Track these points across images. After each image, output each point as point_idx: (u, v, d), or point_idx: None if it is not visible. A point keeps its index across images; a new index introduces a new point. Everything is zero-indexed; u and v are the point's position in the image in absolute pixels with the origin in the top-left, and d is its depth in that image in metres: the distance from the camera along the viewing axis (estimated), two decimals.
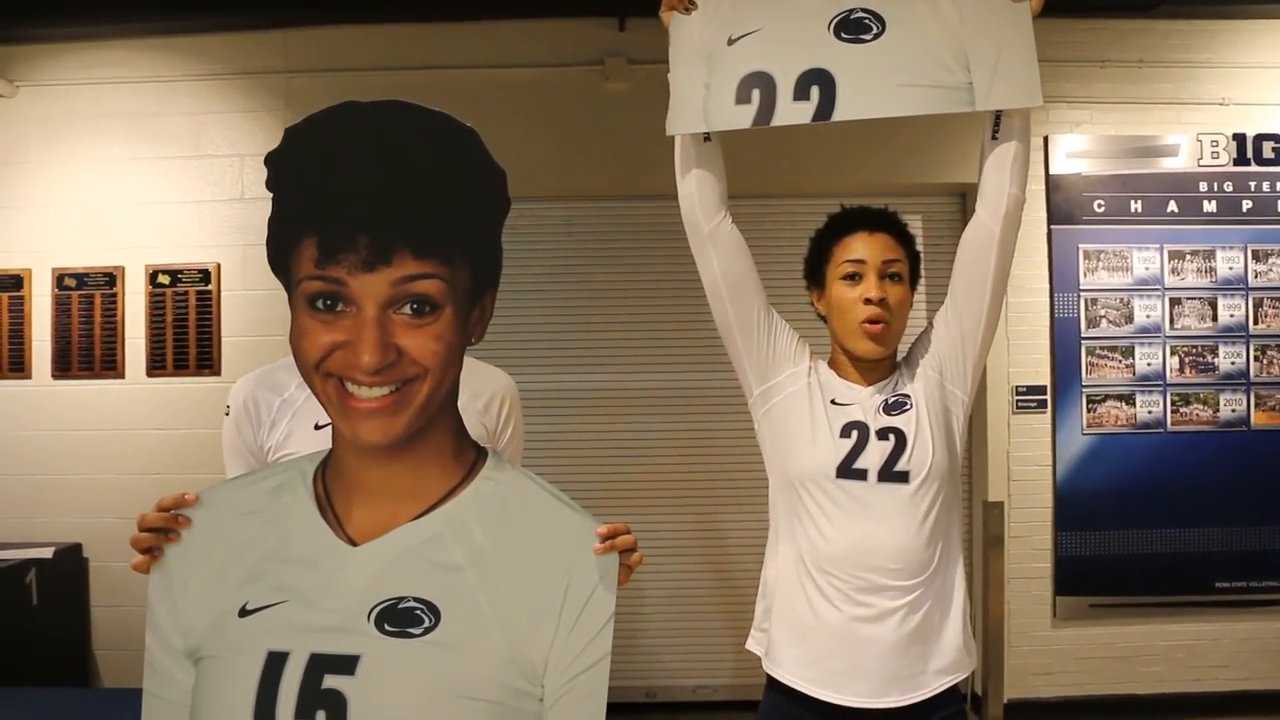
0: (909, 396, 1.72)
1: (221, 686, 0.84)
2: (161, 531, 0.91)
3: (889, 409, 1.71)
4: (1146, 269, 4.00)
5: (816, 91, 1.64)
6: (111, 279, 3.98)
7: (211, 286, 3.97)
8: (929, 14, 1.63)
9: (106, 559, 3.92)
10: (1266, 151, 4.02)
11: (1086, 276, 4.00)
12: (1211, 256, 4.01)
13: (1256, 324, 4.02)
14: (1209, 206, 4.02)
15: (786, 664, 1.71)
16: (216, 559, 0.90)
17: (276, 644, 0.83)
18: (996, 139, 1.66)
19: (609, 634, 0.87)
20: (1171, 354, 4.00)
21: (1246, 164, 4.02)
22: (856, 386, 1.75)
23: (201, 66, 4.02)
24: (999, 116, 1.65)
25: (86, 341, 3.98)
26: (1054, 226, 3.99)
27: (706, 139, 1.71)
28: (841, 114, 1.63)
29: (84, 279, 3.98)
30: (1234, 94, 4.03)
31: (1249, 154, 4.02)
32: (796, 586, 1.71)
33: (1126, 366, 3.99)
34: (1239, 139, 4.01)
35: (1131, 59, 4.03)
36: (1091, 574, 3.98)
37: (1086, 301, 3.99)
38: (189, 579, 0.90)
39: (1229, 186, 4.02)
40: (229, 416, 1.70)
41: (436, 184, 0.83)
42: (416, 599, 0.84)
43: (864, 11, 1.65)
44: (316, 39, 3.99)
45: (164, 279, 3.98)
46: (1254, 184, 4.02)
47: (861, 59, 1.64)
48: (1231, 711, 3.95)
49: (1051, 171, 3.99)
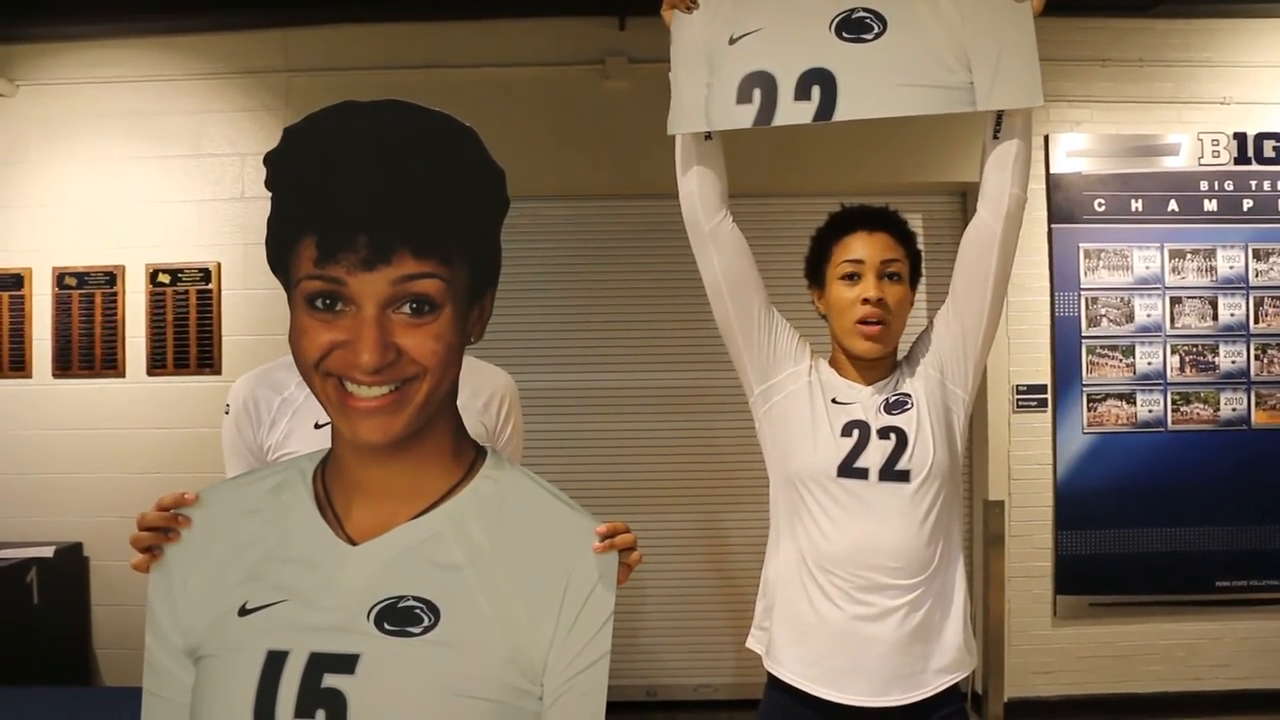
0: (910, 395, 1.72)
1: (221, 685, 0.84)
2: (161, 531, 0.91)
3: (890, 408, 1.71)
4: (1147, 268, 4.00)
5: (818, 91, 1.64)
6: (112, 278, 3.98)
7: (212, 285, 3.97)
8: (930, 14, 1.63)
9: (107, 558, 3.93)
10: (1267, 150, 4.01)
11: (1087, 275, 3.99)
12: (1212, 255, 4.00)
13: (1257, 323, 4.01)
14: (1210, 205, 4.01)
15: (787, 662, 1.71)
16: (216, 558, 0.90)
17: (276, 643, 0.83)
18: (998, 138, 1.65)
19: (608, 633, 0.87)
20: (1172, 353, 4.00)
21: (1247, 163, 4.01)
22: (857, 385, 1.75)
23: (202, 65, 4.02)
24: (1000, 116, 1.65)
25: (87, 341, 3.98)
26: (1054, 225, 3.99)
27: (708, 138, 1.71)
28: (842, 114, 1.63)
29: (84, 278, 3.98)
30: (1235, 93, 4.03)
31: (1249, 153, 4.01)
32: (797, 585, 1.71)
33: (1127, 365, 3.99)
34: (1240, 138, 4.01)
35: (1132, 58, 4.03)
36: (1092, 573, 3.98)
37: (1087, 300, 3.99)
38: (189, 578, 0.90)
39: (1230, 185, 4.01)
40: (229, 415, 1.70)
41: (436, 184, 0.83)
42: (416, 598, 0.84)
43: (865, 11, 1.65)
44: (317, 38, 3.99)
45: (164, 278, 3.98)
46: (1254, 183, 4.02)
47: (863, 59, 1.63)
48: (1232, 711, 3.95)
49: (1052, 170, 3.99)
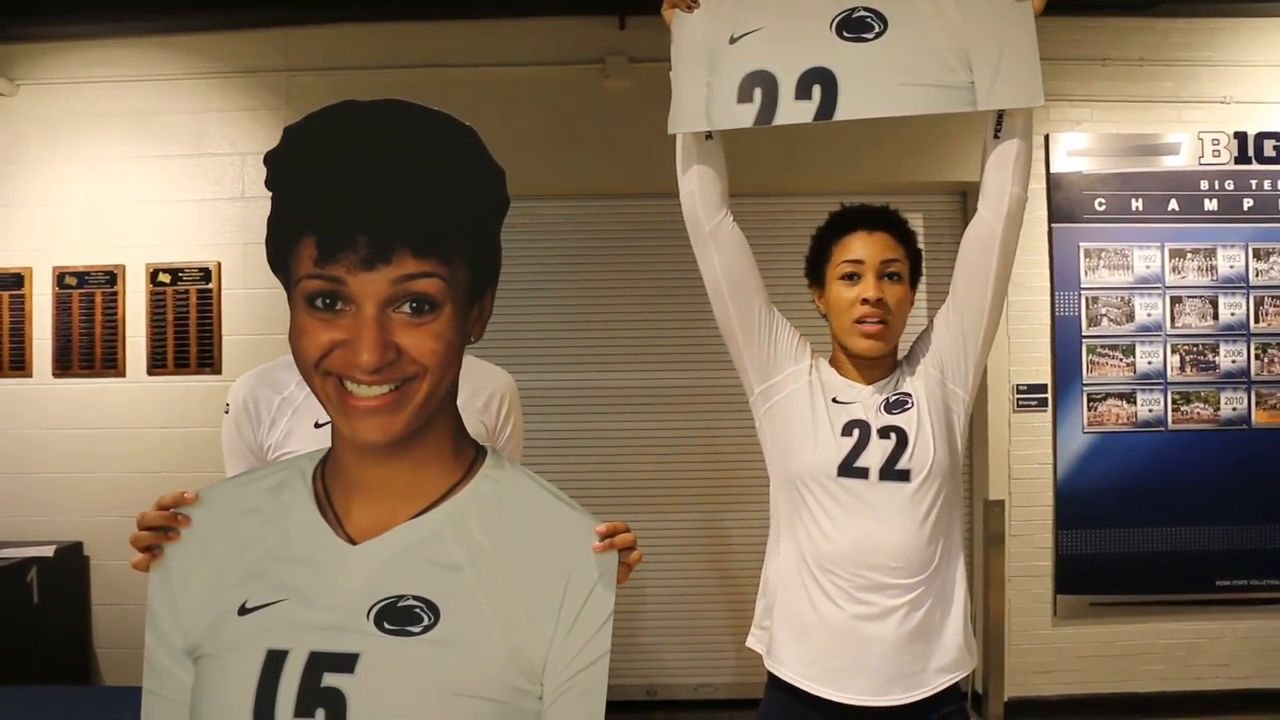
0: (910, 395, 1.72)
1: (221, 684, 0.84)
2: (161, 530, 0.91)
3: (890, 407, 1.71)
4: (1147, 267, 4.00)
5: (818, 90, 1.64)
6: (112, 277, 3.98)
7: (212, 285, 3.97)
8: (931, 13, 1.63)
9: (107, 557, 3.93)
10: (1268, 150, 4.01)
11: (1087, 275, 3.99)
12: (1212, 255, 4.00)
13: (1257, 322, 4.01)
14: (1210, 205, 4.01)
15: (788, 662, 1.71)
16: (216, 557, 0.90)
17: (276, 642, 0.83)
18: (998, 138, 1.65)
19: (608, 632, 0.87)
20: (1172, 352, 3.99)
21: (1248, 162, 4.01)
22: (858, 385, 1.74)
23: (202, 65, 4.02)
24: (1001, 115, 1.65)
25: (87, 340, 3.98)
26: (1055, 225, 3.99)
27: (708, 137, 1.71)
28: (843, 113, 1.63)
29: (85, 277, 3.98)
30: (1235, 92, 4.02)
31: (1250, 152, 4.01)
32: (798, 585, 1.71)
33: (1127, 365, 3.99)
34: (1240, 137, 4.01)
35: (1132, 57, 4.03)
36: (1092, 572, 3.98)
37: (1087, 300, 3.99)
38: (188, 577, 0.90)
39: (1230, 185, 4.01)
40: (228, 415, 1.69)
41: (436, 183, 0.83)
42: (416, 597, 0.84)
43: (866, 10, 1.64)
44: (317, 37, 3.99)
45: (165, 277, 3.97)
46: (1255, 182, 4.01)
47: (863, 58, 1.63)
48: (1232, 710, 3.95)
49: (1052, 170, 3.99)
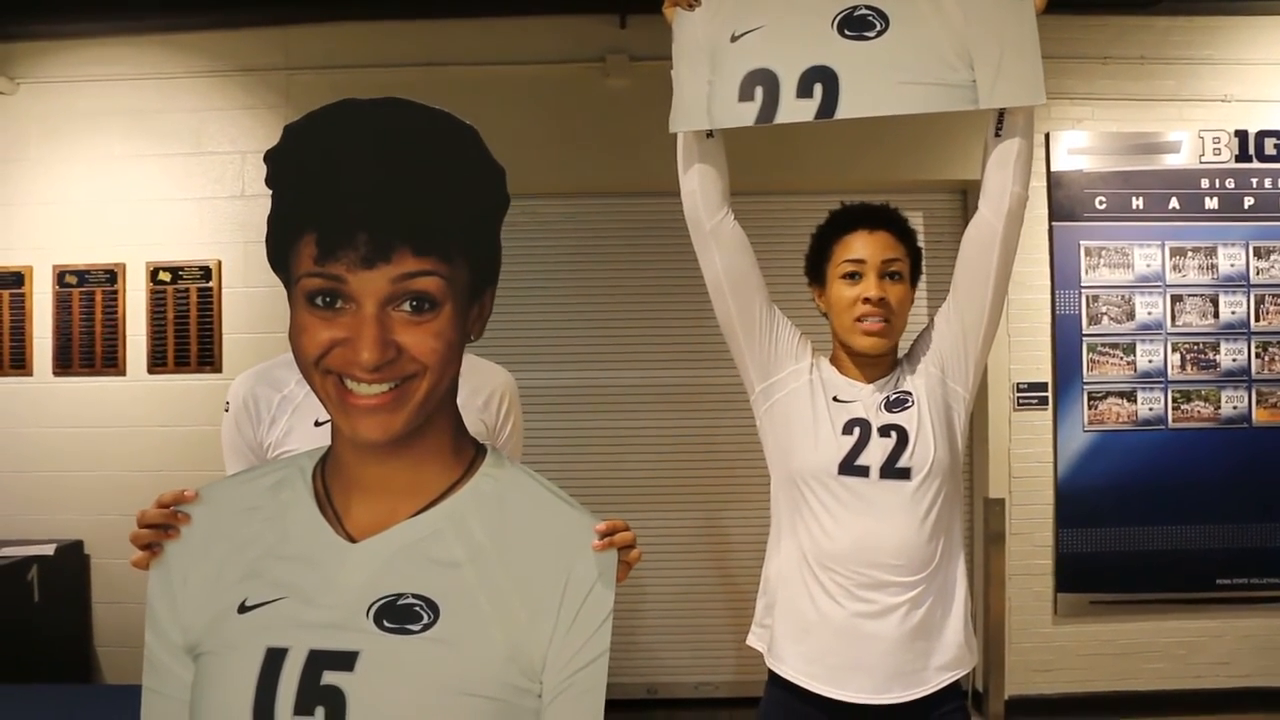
0: (910, 393, 1.72)
1: (220, 682, 0.84)
2: (161, 528, 0.91)
3: (891, 406, 1.71)
4: (1148, 266, 3.99)
5: (820, 89, 1.63)
6: (112, 276, 3.98)
7: (212, 283, 3.97)
8: (932, 11, 1.63)
9: (108, 556, 3.93)
10: (1268, 148, 4.00)
11: (1088, 273, 3.99)
12: (1213, 253, 4.00)
13: (1258, 321, 4.01)
14: (1211, 203, 4.01)
15: (789, 660, 1.71)
16: (216, 555, 0.90)
17: (275, 640, 0.83)
18: (1000, 136, 1.65)
19: (607, 631, 0.87)
20: (1173, 351, 3.99)
21: (1248, 160, 4.01)
22: (858, 383, 1.75)
23: (202, 63, 4.02)
24: (1002, 114, 1.65)
25: (87, 338, 3.98)
26: (1055, 223, 3.98)
27: (709, 136, 1.71)
28: (845, 112, 1.63)
29: (85, 276, 3.98)
30: (1236, 90, 4.02)
31: (1251, 150, 4.00)
32: (799, 583, 1.71)
33: (1128, 363, 3.99)
34: (1241, 135, 4.00)
35: (1133, 55, 4.02)
36: (1092, 571, 3.98)
37: (1088, 298, 3.99)
38: (188, 575, 0.90)
39: (1231, 183, 4.01)
40: (228, 413, 1.69)
41: (436, 182, 0.83)
42: (415, 595, 0.84)
43: (867, 9, 1.64)
44: (317, 36, 3.98)
45: (165, 276, 3.97)
46: (1256, 181, 4.01)
47: (865, 56, 1.63)
48: (1232, 708, 3.95)
49: (1053, 168, 3.98)
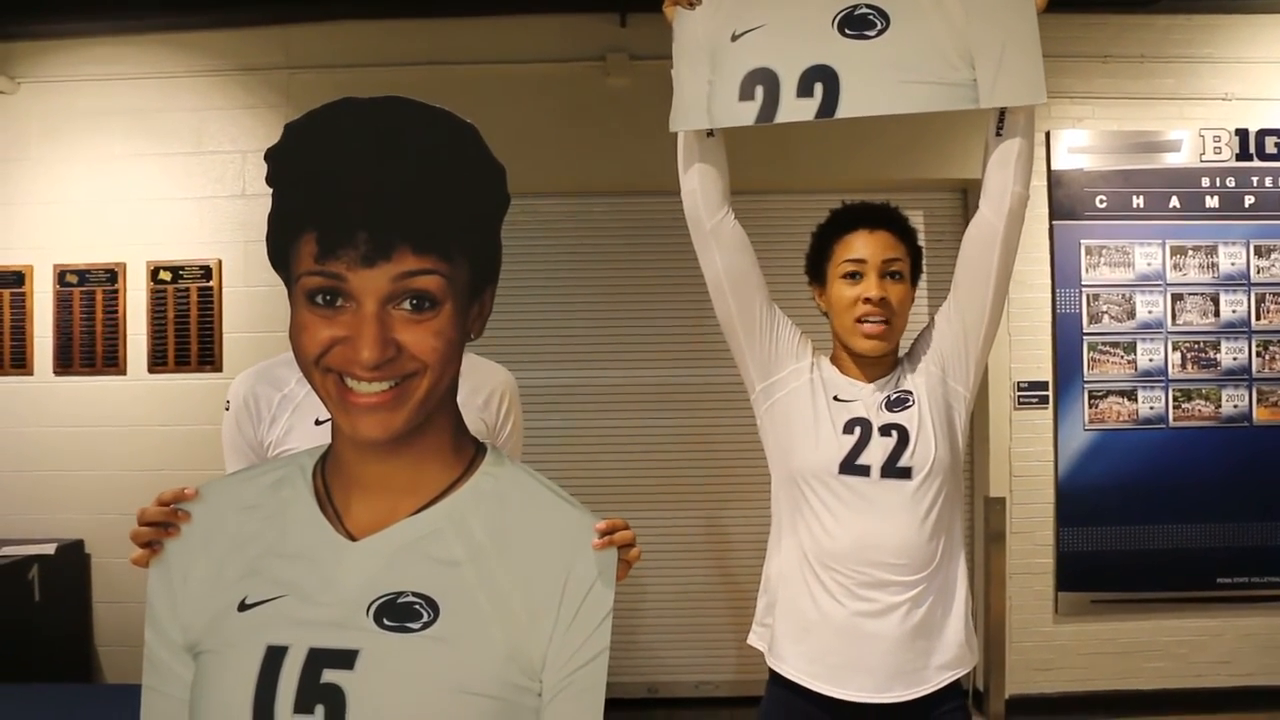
0: (911, 393, 1.72)
1: (220, 681, 0.84)
2: (161, 526, 0.91)
3: (891, 405, 1.71)
4: (1148, 264, 3.99)
5: (820, 88, 1.63)
6: (113, 275, 3.98)
7: (213, 282, 3.97)
8: (933, 10, 1.62)
9: (108, 555, 3.93)
10: (1269, 147, 4.00)
11: (1088, 272, 3.99)
12: (1214, 252, 3.99)
13: (1259, 319, 4.00)
14: (1211, 202, 4.00)
15: (790, 659, 1.71)
16: (216, 554, 0.90)
17: (275, 638, 0.83)
18: (1000, 135, 1.65)
19: (607, 629, 0.87)
20: (1173, 349, 3.99)
21: (1249, 159, 4.00)
22: (859, 383, 1.74)
23: (203, 62, 4.02)
24: (1003, 113, 1.64)
25: (88, 338, 3.98)
26: (1056, 222, 3.98)
27: (710, 135, 1.70)
28: (845, 111, 1.62)
29: (85, 275, 3.98)
30: (1236, 89, 4.02)
31: (1251, 149, 4.00)
32: (800, 582, 1.71)
33: (1128, 362, 3.99)
34: (1241, 134, 4.00)
35: (1133, 54, 4.02)
36: (1093, 570, 3.98)
37: (1088, 297, 3.98)
38: (188, 573, 0.90)
39: (1231, 182, 4.00)
40: (229, 412, 1.69)
41: (436, 180, 0.83)
42: (415, 594, 0.84)
43: (868, 7, 1.64)
44: (318, 35, 3.98)
45: (165, 275, 3.97)
46: (1256, 179, 4.01)
47: (865, 55, 1.63)
48: (1233, 707, 3.95)
49: (1053, 167, 3.98)
